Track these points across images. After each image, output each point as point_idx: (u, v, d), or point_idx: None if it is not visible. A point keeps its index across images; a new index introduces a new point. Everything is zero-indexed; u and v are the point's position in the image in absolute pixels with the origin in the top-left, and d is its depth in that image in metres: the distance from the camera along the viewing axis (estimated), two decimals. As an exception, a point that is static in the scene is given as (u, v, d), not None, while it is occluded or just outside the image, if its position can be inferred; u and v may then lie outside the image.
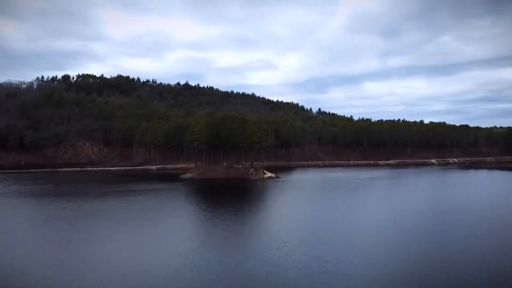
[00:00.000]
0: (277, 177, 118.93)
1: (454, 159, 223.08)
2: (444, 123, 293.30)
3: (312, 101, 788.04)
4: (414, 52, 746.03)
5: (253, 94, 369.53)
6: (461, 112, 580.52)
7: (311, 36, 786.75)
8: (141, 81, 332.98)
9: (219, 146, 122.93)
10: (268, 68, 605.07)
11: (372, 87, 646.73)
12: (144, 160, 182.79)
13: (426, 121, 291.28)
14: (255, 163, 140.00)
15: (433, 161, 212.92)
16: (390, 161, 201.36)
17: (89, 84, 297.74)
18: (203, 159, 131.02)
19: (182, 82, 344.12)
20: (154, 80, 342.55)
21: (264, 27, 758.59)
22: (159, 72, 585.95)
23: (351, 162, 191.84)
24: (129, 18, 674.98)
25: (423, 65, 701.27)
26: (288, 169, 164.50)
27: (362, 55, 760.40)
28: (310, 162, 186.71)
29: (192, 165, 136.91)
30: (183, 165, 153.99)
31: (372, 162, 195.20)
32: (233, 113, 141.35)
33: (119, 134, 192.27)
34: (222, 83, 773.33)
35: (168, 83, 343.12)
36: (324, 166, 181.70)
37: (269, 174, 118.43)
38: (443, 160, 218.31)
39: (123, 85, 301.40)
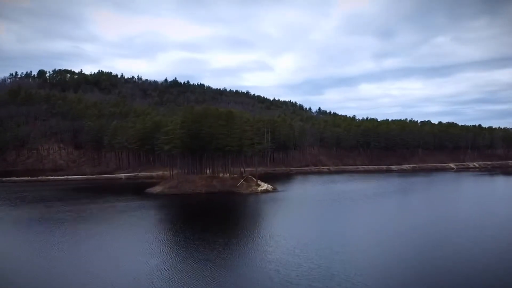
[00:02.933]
0: (274, 189, 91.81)
1: (474, 163, 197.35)
2: (455, 123, 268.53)
3: (308, 103, 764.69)
4: (409, 53, 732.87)
5: (247, 92, 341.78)
6: (456, 114, 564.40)
7: (305, 37, 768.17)
8: (125, 77, 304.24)
9: (200, 151, 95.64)
10: (263, 69, 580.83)
11: (367, 89, 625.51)
12: (117, 167, 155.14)
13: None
14: (246, 170, 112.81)
15: (452, 165, 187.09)
16: (404, 166, 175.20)
17: (66, 81, 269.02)
18: (182, 166, 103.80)
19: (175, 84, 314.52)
20: (140, 76, 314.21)
21: (258, 28, 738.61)
22: (153, 74, 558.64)
23: (360, 168, 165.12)
24: (121, 19, 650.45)
25: (419, 67, 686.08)
26: (287, 176, 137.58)
27: (357, 57, 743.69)
28: (313, 168, 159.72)
29: (173, 171, 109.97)
30: (160, 173, 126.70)
31: (384, 167, 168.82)
32: (216, 107, 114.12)
33: (90, 135, 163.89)
34: (217, 84, 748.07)
35: (154, 80, 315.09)
36: (329, 172, 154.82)
37: (264, 186, 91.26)
38: (462, 165, 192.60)
39: (103, 81, 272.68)
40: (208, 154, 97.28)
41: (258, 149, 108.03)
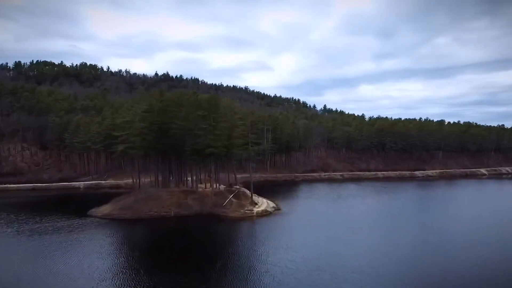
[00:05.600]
0: (276, 209, 64.54)
1: (507, 169, 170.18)
2: (477, 123, 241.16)
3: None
4: (409, 54, 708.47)
5: (246, 88, 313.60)
6: (456, 115, 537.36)
7: (305, 37, 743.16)
8: (112, 71, 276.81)
9: (174, 153, 68.41)
10: (263, 69, 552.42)
11: (367, 90, 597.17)
12: (84, 171, 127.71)
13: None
14: (240, 178, 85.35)
15: (483, 171, 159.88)
16: (429, 172, 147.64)
17: (44, 73, 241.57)
18: (160, 173, 76.46)
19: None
20: (128, 70, 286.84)
21: (257, 27, 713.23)
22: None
23: (379, 174, 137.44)
24: (118, 18, 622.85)
25: (419, 68, 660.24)
26: (292, 185, 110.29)
27: (357, 57, 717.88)
28: (322, 175, 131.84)
29: (147, 179, 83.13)
30: (130, 181, 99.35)
31: (407, 173, 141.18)
32: (194, 91, 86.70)
33: (55, 133, 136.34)
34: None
35: (143, 74, 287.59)
36: (343, 179, 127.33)
37: (262, 206, 63.83)
38: (494, 170, 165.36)
39: (85, 74, 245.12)
40: (184, 158, 69.87)
41: (254, 151, 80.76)
